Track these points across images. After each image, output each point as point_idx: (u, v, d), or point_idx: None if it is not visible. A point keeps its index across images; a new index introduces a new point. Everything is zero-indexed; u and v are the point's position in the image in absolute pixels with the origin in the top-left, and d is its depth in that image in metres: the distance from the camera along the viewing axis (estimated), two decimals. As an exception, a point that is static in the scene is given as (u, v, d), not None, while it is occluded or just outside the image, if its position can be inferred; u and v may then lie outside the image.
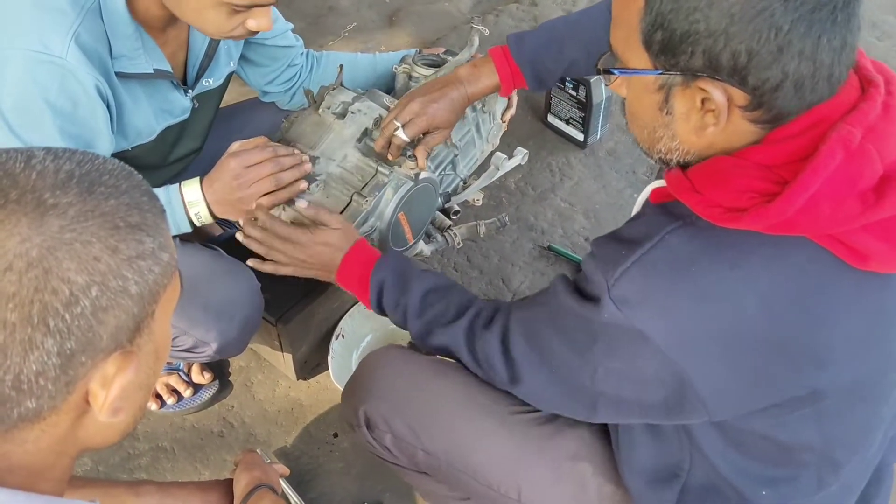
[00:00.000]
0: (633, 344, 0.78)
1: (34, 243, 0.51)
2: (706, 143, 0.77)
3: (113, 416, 0.58)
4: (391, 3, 2.59)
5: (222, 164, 1.16)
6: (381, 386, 1.07)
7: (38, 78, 1.02)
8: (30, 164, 0.54)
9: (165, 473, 1.47)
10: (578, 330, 0.84)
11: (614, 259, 0.78)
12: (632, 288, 0.76)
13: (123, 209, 0.55)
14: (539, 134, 2.12)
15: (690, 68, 0.72)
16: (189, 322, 1.20)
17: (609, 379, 0.84)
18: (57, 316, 0.51)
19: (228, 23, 1.07)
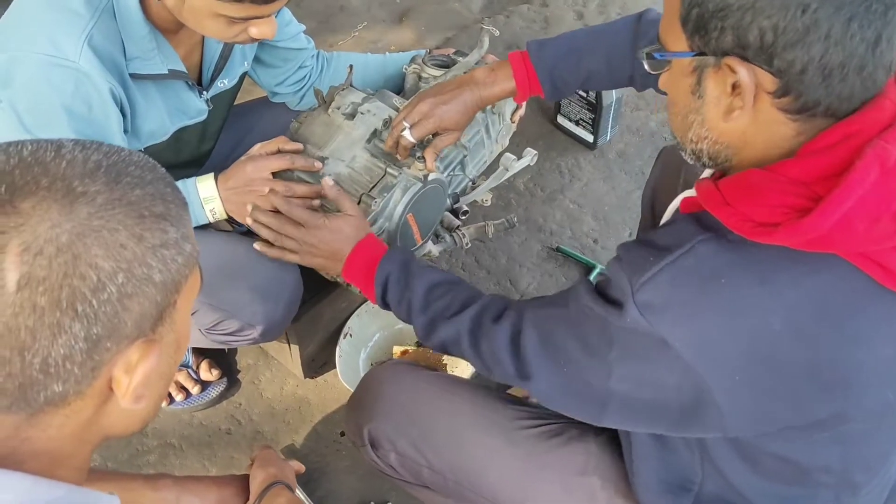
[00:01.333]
0: (653, 351, 0.77)
1: (64, 229, 0.52)
2: (736, 133, 0.76)
3: (136, 402, 0.59)
4: (402, 2, 2.59)
5: (239, 166, 1.17)
6: (384, 405, 1.07)
7: (52, 81, 1.03)
8: (59, 153, 0.55)
9: (173, 470, 1.48)
10: (596, 333, 0.83)
11: (641, 264, 0.77)
12: (658, 294, 0.75)
13: (148, 199, 0.57)
14: (549, 135, 2.12)
15: (721, 48, 0.72)
16: (235, 306, 1.22)
17: (623, 383, 0.82)
18: (84, 301, 0.52)
19: (229, 31, 1.08)
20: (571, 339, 0.87)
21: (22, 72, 1.03)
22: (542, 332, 0.90)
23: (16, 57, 1.03)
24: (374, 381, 1.11)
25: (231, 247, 1.23)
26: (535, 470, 1.00)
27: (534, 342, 0.91)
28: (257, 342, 1.31)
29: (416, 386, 1.07)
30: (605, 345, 0.82)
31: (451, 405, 1.04)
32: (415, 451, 1.04)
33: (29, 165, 0.54)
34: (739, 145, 0.77)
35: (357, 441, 1.10)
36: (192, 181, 1.17)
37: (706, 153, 0.80)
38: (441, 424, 1.04)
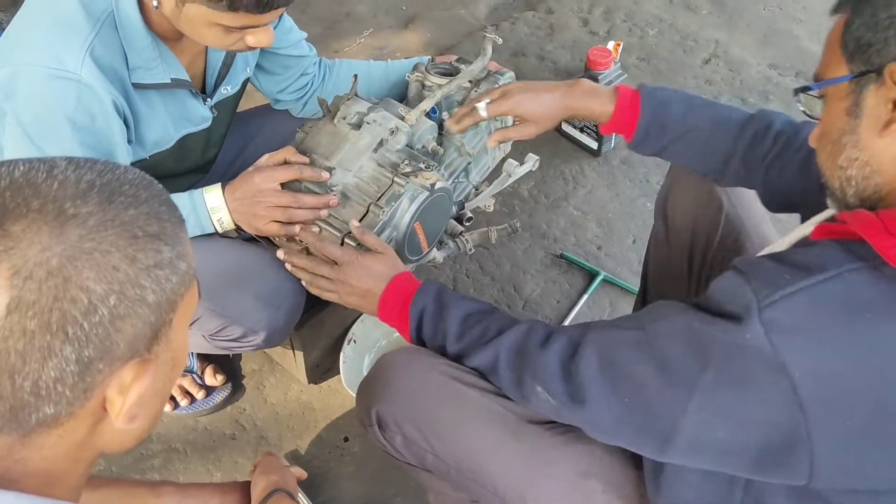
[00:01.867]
0: (761, 377, 0.71)
1: (54, 252, 0.52)
2: (890, 156, 0.74)
3: (129, 423, 0.58)
4: (407, 9, 2.60)
5: (247, 177, 1.18)
6: (394, 387, 1.07)
7: (55, 93, 1.04)
8: (52, 174, 0.55)
9: (178, 475, 1.48)
10: (686, 355, 0.77)
11: (774, 280, 0.71)
12: (792, 315, 0.70)
13: (142, 219, 0.56)
14: (553, 142, 2.12)
15: (884, 59, 0.71)
16: (239, 312, 1.23)
17: (702, 415, 0.77)
18: (76, 324, 0.52)
19: (226, 39, 1.09)
20: (645, 364, 0.81)
21: (25, 85, 1.05)
22: (606, 357, 0.86)
23: (18, 70, 1.05)
24: (387, 365, 1.10)
25: (235, 253, 1.24)
26: (537, 465, 1.00)
27: (593, 366, 0.87)
28: (261, 348, 1.32)
29: (427, 373, 1.06)
30: (696, 368, 0.76)
31: (459, 394, 1.03)
32: (420, 436, 1.04)
33: (20, 187, 0.53)
34: (893, 171, 0.74)
35: (365, 421, 1.10)
36: (200, 191, 1.18)
37: (854, 181, 0.77)
38: (448, 413, 1.03)
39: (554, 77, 2.31)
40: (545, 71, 2.34)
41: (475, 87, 1.42)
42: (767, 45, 2.47)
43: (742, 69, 2.36)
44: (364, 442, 1.53)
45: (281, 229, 1.19)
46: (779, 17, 2.58)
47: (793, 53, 2.44)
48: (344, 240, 1.21)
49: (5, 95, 1.07)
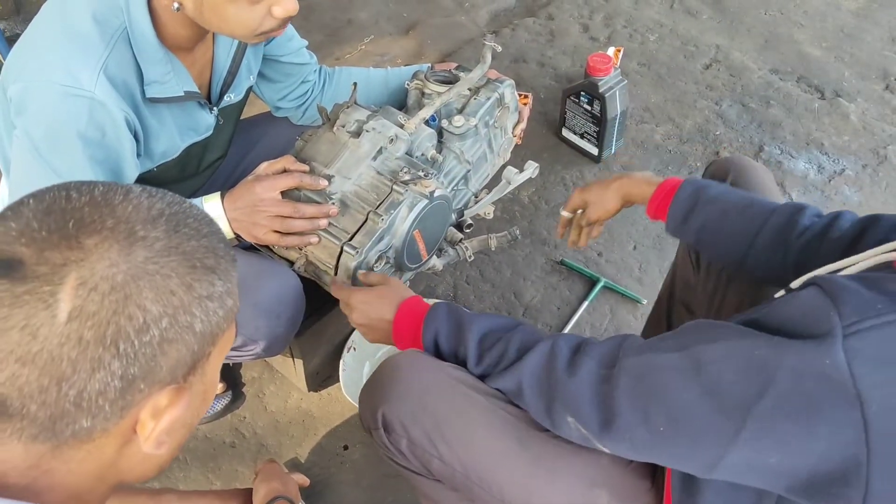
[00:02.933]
0: (834, 406, 0.68)
1: (120, 269, 0.54)
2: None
3: (157, 448, 0.60)
4: (408, 16, 2.61)
5: (246, 186, 1.18)
6: (401, 389, 1.06)
7: (68, 110, 1.04)
8: (128, 197, 0.58)
9: (178, 483, 1.48)
10: (740, 381, 0.74)
11: (864, 308, 0.68)
12: (880, 347, 0.67)
13: (202, 251, 0.59)
14: (553, 148, 2.12)
15: None
16: (238, 321, 1.22)
17: (756, 443, 0.74)
18: (128, 340, 0.54)
19: (252, 17, 1.06)
20: (689, 391, 0.78)
21: (38, 101, 1.05)
22: (643, 384, 0.83)
23: (32, 86, 1.05)
24: (394, 366, 1.09)
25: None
26: (544, 474, 0.99)
27: (628, 395, 0.84)
28: (260, 357, 1.32)
29: (434, 376, 1.05)
30: (751, 395, 0.73)
31: (467, 399, 1.02)
32: (427, 440, 1.03)
33: (98, 205, 0.56)
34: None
35: (370, 423, 1.08)
36: (199, 200, 1.18)
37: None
38: (455, 417, 1.02)
39: (554, 82, 2.31)
40: (545, 77, 2.34)
41: (474, 94, 1.42)
42: (768, 49, 2.47)
43: (743, 74, 2.36)
44: (364, 450, 1.52)
45: (280, 239, 1.19)
46: (780, 22, 2.57)
47: (794, 58, 2.43)
48: (343, 247, 1.21)
49: (17, 110, 1.07)
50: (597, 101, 1.94)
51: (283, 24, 1.12)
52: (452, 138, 1.38)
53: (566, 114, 2.06)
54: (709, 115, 2.23)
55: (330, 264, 1.23)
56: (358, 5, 2.63)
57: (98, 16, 1.07)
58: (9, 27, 2.41)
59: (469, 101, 1.41)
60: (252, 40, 1.15)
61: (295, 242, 1.21)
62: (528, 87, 2.28)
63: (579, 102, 1.99)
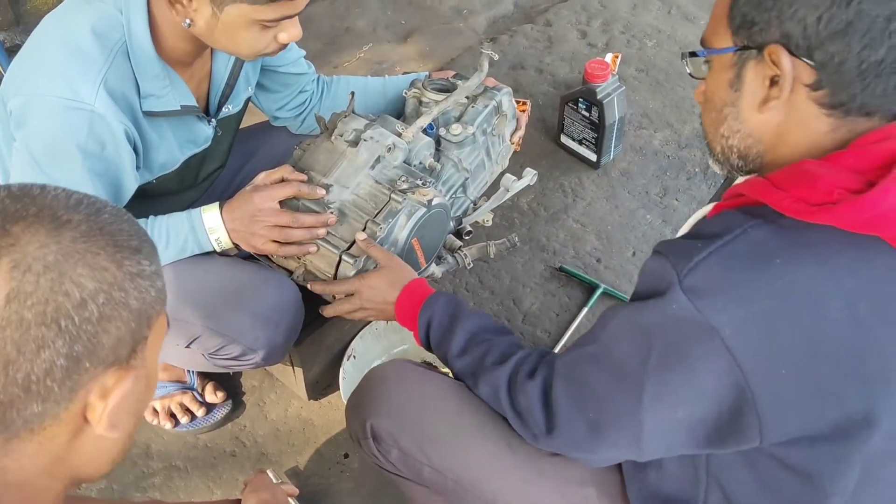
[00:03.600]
0: (696, 344, 0.75)
1: (51, 249, 0.56)
2: (769, 126, 0.78)
3: (111, 430, 0.61)
4: (407, 23, 2.62)
5: (244, 196, 1.18)
6: (389, 401, 1.08)
7: (68, 123, 1.05)
8: (44, 189, 0.61)
9: (178, 492, 1.48)
10: (631, 349, 0.81)
11: (688, 251, 0.76)
12: (708, 277, 0.74)
13: (125, 234, 0.61)
14: (552, 154, 2.12)
15: (765, 40, 0.75)
16: (237, 331, 1.23)
17: (659, 402, 0.80)
18: (68, 317, 0.56)
19: (261, 40, 1.10)
20: (600, 372, 0.85)
21: (38, 114, 1.06)
22: (570, 379, 0.89)
23: (32, 99, 1.06)
24: (379, 378, 1.12)
25: (233, 272, 1.25)
26: (534, 476, 1.00)
27: (562, 391, 0.90)
28: (260, 366, 1.32)
29: (421, 385, 1.08)
30: (641, 357, 0.80)
31: (454, 406, 1.05)
32: (417, 449, 1.05)
33: (17, 198, 0.59)
34: (772, 140, 0.79)
35: (359, 434, 1.11)
36: (198, 211, 1.18)
37: (736, 150, 0.82)
38: (445, 425, 1.04)
39: (552, 88, 2.31)
40: (544, 83, 2.34)
41: (472, 102, 1.43)
42: (766, 55, 2.47)
43: (741, 80, 2.37)
44: (364, 458, 1.52)
45: (279, 248, 1.19)
46: (777, 28, 2.58)
47: (791, 63, 2.44)
48: (342, 256, 1.21)
49: (17, 123, 1.08)
50: (595, 107, 1.95)
51: (283, 48, 1.15)
52: (450, 146, 1.39)
53: (564, 120, 2.06)
54: (707, 121, 2.23)
55: (328, 273, 1.24)
56: (356, 13, 2.64)
57: (98, 29, 1.07)
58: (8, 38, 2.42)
59: (467, 109, 1.42)
60: (251, 59, 1.17)
61: (293, 252, 1.21)
62: (526, 94, 2.29)
63: (577, 109, 2.00)
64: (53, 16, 1.14)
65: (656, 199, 2.02)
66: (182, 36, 1.12)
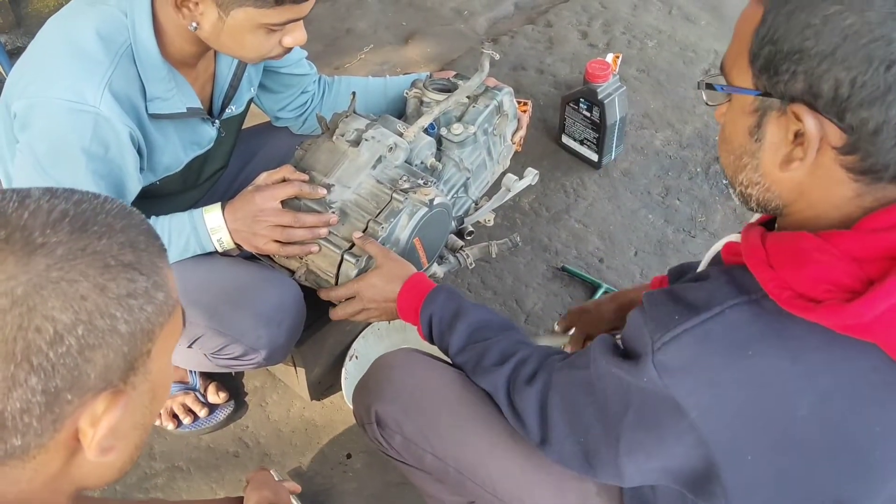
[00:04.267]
0: (665, 416, 0.74)
1: (20, 281, 0.51)
2: (791, 184, 0.72)
3: (102, 455, 0.57)
4: (407, 24, 2.62)
5: (246, 197, 1.18)
6: (394, 387, 1.08)
7: (73, 126, 1.05)
8: (23, 203, 0.54)
9: (181, 493, 1.48)
10: (614, 395, 0.80)
11: (665, 322, 0.73)
12: (679, 356, 0.72)
13: (116, 248, 0.56)
14: (553, 154, 2.13)
15: (789, 92, 0.67)
16: (239, 330, 1.23)
17: (634, 454, 0.80)
18: (41, 354, 0.51)
19: (267, 44, 1.11)
20: (589, 405, 0.85)
21: (43, 116, 1.06)
22: (565, 399, 0.89)
23: (36, 102, 1.06)
24: (387, 364, 1.12)
25: (234, 272, 1.25)
26: (534, 468, 1.01)
27: (557, 408, 0.90)
28: (262, 366, 1.32)
29: (426, 373, 1.08)
30: (620, 409, 0.79)
31: (459, 396, 1.05)
32: (420, 436, 1.05)
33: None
34: (793, 197, 0.73)
35: (364, 419, 1.11)
36: (200, 211, 1.18)
37: (755, 199, 0.77)
38: (448, 414, 1.05)
39: (553, 89, 2.32)
40: (545, 84, 2.34)
41: (473, 102, 1.43)
42: (767, 55, 2.47)
43: (742, 79, 2.37)
44: (367, 458, 1.52)
45: (281, 248, 1.19)
46: (778, 27, 2.58)
47: (792, 63, 2.43)
48: (343, 256, 1.21)
49: (21, 126, 1.08)
50: (596, 107, 1.95)
51: (288, 52, 1.16)
52: (451, 146, 1.39)
53: (565, 120, 2.06)
54: (708, 121, 2.23)
55: (330, 273, 1.24)
56: (357, 15, 2.65)
57: (102, 32, 1.08)
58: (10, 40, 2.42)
59: (468, 109, 1.42)
60: (255, 62, 1.17)
61: (295, 252, 1.21)
62: (527, 95, 2.29)
63: (578, 109, 2.00)
64: (58, 19, 1.14)
65: (658, 198, 2.02)
66: (187, 38, 1.12)
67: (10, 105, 1.12)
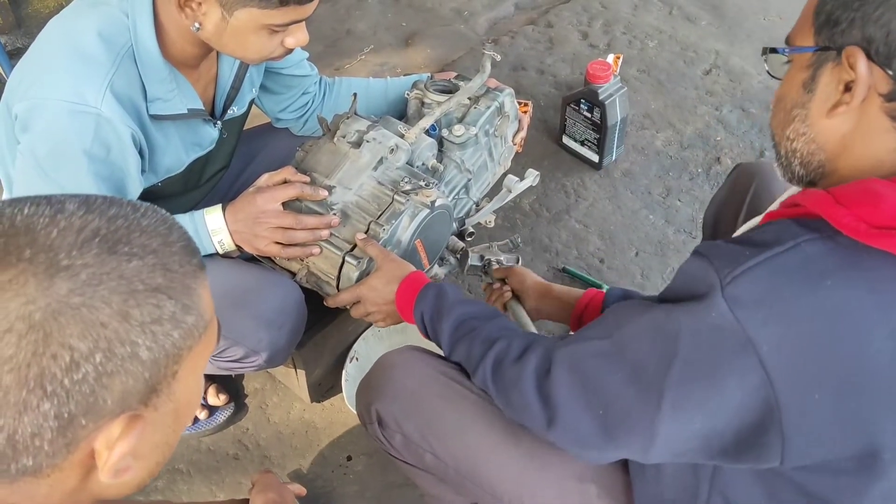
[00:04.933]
0: (730, 356, 0.71)
1: (38, 306, 0.50)
2: (835, 134, 0.76)
3: (115, 477, 0.56)
4: (408, 25, 2.62)
5: (248, 198, 1.18)
6: (395, 386, 1.08)
7: (74, 127, 1.05)
8: (54, 220, 0.53)
9: (181, 496, 1.48)
10: (654, 352, 0.77)
11: (734, 258, 0.72)
12: (753, 288, 0.70)
13: (146, 271, 0.54)
14: (554, 155, 2.12)
15: (846, 41, 0.72)
16: (240, 333, 1.23)
17: (678, 412, 0.77)
18: (55, 381, 0.50)
19: (269, 45, 1.10)
20: (613, 372, 0.81)
21: (44, 118, 1.05)
22: (577, 372, 0.86)
23: (38, 104, 1.05)
24: (388, 364, 1.12)
25: (235, 274, 1.24)
26: (535, 469, 1.00)
27: (565, 384, 0.86)
28: (262, 368, 1.32)
29: (427, 373, 1.07)
30: (663, 364, 0.76)
31: (459, 395, 1.05)
32: (420, 436, 1.05)
33: (17, 234, 0.52)
34: (835, 150, 0.77)
35: (365, 418, 1.11)
36: (201, 213, 1.18)
37: (799, 155, 0.79)
38: (448, 413, 1.04)
39: (553, 90, 2.31)
40: (545, 84, 2.34)
41: (474, 103, 1.42)
42: (767, 55, 2.47)
43: (743, 79, 2.36)
44: (367, 461, 1.52)
45: (282, 250, 1.19)
46: (779, 27, 2.58)
47: (793, 63, 2.43)
48: (345, 258, 1.20)
49: (22, 127, 1.08)
50: (597, 108, 1.94)
51: (290, 52, 1.15)
52: (453, 147, 1.38)
53: (566, 121, 2.06)
54: (709, 121, 2.23)
55: (332, 275, 1.23)
56: (357, 16, 2.64)
57: (104, 33, 1.07)
58: (10, 41, 2.42)
59: (469, 110, 1.42)
60: (257, 63, 1.17)
61: (297, 253, 1.21)
62: (527, 95, 2.28)
63: (579, 110, 1.99)
64: (59, 20, 1.14)
65: (659, 199, 2.02)
66: (189, 39, 1.11)
67: (11, 107, 1.11)
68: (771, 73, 0.83)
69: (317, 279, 1.26)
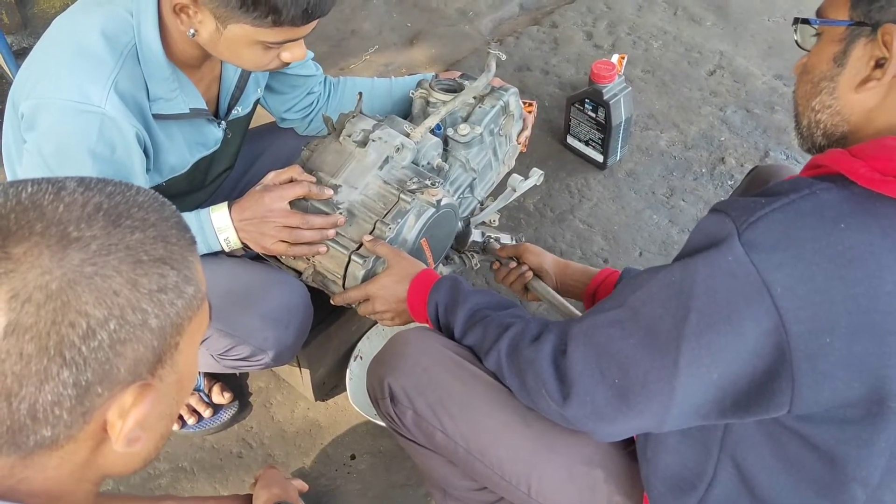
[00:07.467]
0: (745, 301, 0.72)
1: (54, 276, 0.52)
2: (861, 108, 0.78)
3: (129, 446, 0.58)
4: (412, 25, 2.62)
5: (255, 196, 1.18)
6: (409, 362, 1.08)
7: (79, 126, 1.05)
8: (59, 195, 0.55)
9: (185, 494, 1.48)
10: (666, 311, 0.78)
11: (751, 207, 0.74)
12: (769, 232, 0.72)
13: (148, 243, 0.56)
14: (558, 155, 2.12)
15: (883, 18, 0.74)
16: (247, 331, 1.23)
17: (696, 365, 0.77)
18: (73, 348, 0.52)
19: (264, 57, 1.11)
20: (626, 338, 0.83)
21: (49, 117, 1.06)
22: (592, 345, 0.86)
23: (43, 103, 1.06)
24: (402, 340, 1.12)
25: (241, 272, 1.24)
26: (544, 451, 1.00)
27: (580, 358, 0.87)
28: (269, 367, 1.32)
29: (440, 351, 1.08)
30: (677, 319, 0.77)
31: (472, 375, 1.05)
32: (431, 413, 1.05)
33: (25, 209, 0.54)
34: (860, 123, 0.79)
35: (377, 393, 1.11)
36: (207, 211, 1.18)
37: (822, 126, 0.82)
38: (460, 392, 1.04)
39: (558, 90, 2.31)
40: (550, 84, 2.34)
41: (479, 103, 1.43)
42: (772, 55, 2.47)
43: (747, 80, 2.36)
44: (371, 459, 1.52)
45: (288, 249, 1.19)
46: (783, 28, 2.58)
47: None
48: (351, 257, 1.21)
49: (28, 126, 1.08)
50: (601, 108, 1.94)
51: (287, 65, 1.15)
52: (458, 147, 1.38)
53: (571, 121, 2.06)
54: (713, 122, 2.23)
55: (338, 274, 1.23)
56: (361, 16, 2.64)
57: (108, 32, 1.08)
58: (16, 41, 2.43)
59: (474, 109, 1.42)
60: (255, 71, 1.18)
61: (303, 252, 1.21)
62: (532, 95, 2.29)
63: (584, 110, 1.99)
64: (63, 18, 1.14)
65: (663, 199, 2.02)
66: (189, 41, 1.12)
67: (17, 105, 1.12)
68: (799, 43, 0.84)
69: (323, 278, 1.26)
